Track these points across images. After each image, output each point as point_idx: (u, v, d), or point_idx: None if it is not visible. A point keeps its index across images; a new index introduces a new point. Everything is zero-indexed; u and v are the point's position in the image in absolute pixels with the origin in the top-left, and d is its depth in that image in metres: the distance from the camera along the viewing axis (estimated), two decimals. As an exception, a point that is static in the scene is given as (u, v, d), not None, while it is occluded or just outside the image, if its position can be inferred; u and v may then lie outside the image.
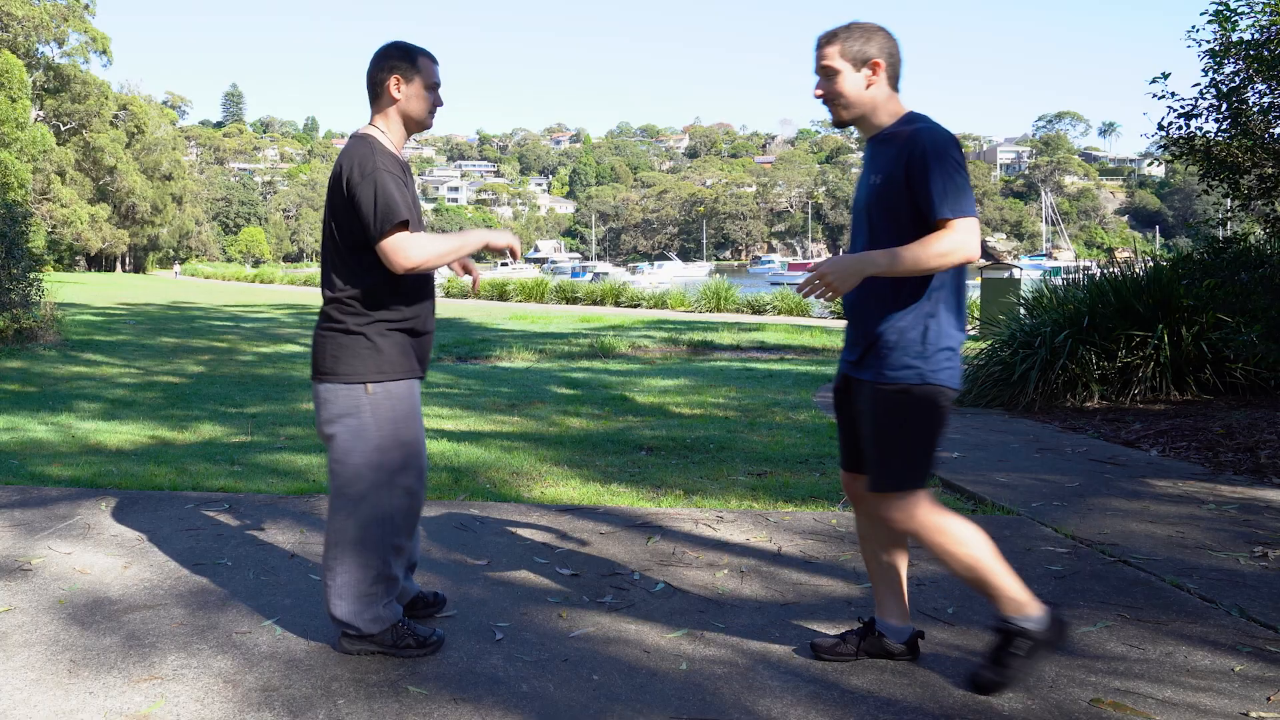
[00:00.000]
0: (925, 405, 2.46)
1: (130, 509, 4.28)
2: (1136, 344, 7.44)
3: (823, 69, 2.52)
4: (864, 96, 2.50)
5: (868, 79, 2.48)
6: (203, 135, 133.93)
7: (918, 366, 2.45)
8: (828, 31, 2.53)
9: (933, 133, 2.42)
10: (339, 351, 2.67)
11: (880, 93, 2.51)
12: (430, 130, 3.02)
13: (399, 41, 2.72)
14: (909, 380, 2.45)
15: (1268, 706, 2.47)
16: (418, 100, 2.71)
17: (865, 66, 2.48)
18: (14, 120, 40.32)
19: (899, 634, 2.72)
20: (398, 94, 2.68)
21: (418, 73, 2.68)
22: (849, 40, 2.48)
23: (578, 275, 47.15)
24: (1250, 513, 4.36)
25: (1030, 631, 2.45)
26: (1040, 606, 2.48)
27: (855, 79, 2.48)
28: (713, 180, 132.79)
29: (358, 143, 2.65)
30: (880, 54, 2.48)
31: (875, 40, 2.49)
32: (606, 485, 4.89)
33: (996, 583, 2.47)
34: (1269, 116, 7.05)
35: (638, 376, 9.99)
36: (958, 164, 2.39)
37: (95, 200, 59.87)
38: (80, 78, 55.15)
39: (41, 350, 12.02)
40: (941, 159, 2.37)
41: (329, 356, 2.68)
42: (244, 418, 7.20)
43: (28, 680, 2.60)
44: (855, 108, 2.51)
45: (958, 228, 2.36)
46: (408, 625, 2.78)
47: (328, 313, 2.71)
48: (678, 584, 3.41)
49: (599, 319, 20.24)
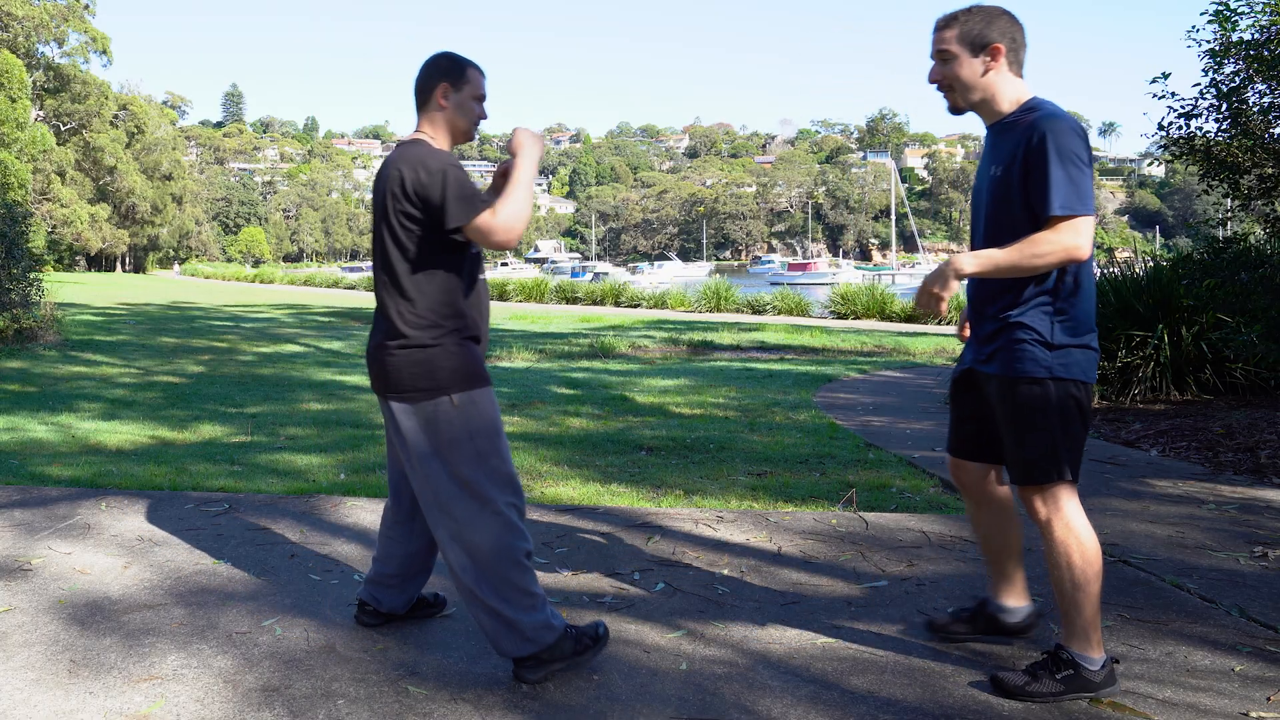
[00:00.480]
0: (1056, 399, 2.41)
1: (130, 509, 4.28)
2: (1136, 344, 7.44)
3: (939, 54, 2.42)
4: (982, 82, 2.40)
5: (986, 64, 2.39)
6: (203, 135, 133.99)
7: (1046, 361, 2.40)
8: (946, 15, 2.43)
9: (1054, 120, 2.30)
10: (417, 367, 2.57)
11: (1001, 79, 2.41)
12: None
13: (449, 52, 2.72)
14: (1036, 374, 2.41)
15: (1268, 706, 2.47)
16: (464, 110, 2.69)
17: (984, 51, 2.38)
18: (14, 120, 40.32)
19: (1013, 613, 2.77)
20: (445, 103, 2.66)
21: (466, 83, 2.68)
22: (968, 23, 2.39)
23: (577, 275, 47.17)
24: (1250, 513, 4.36)
25: (1084, 671, 2.44)
26: (1103, 652, 2.47)
27: (973, 64, 2.39)
28: (713, 180, 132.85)
29: (412, 146, 2.59)
30: (1001, 38, 2.38)
31: (997, 24, 2.38)
32: (606, 485, 4.89)
33: (1085, 612, 2.44)
34: (1269, 116, 7.05)
35: (638, 376, 9.99)
36: (1077, 157, 2.28)
37: (95, 200, 59.88)
38: (80, 78, 55.15)
39: (41, 350, 12.02)
40: (1060, 151, 2.28)
41: (407, 374, 2.58)
42: (244, 418, 7.20)
43: (28, 680, 2.60)
44: (973, 93, 2.42)
45: (1064, 229, 2.28)
46: (577, 629, 2.68)
47: (397, 329, 2.59)
48: (678, 584, 3.41)
49: (599, 319, 20.24)
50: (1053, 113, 2.35)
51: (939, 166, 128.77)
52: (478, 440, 2.59)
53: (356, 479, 4.98)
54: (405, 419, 2.61)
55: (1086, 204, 2.28)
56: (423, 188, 2.51)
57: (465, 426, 2.58)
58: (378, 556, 2.96)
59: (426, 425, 2.58)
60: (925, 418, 7.25)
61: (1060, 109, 2.37)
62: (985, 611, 2.82)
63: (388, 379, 2.63)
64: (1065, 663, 2.43)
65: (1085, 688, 2.43)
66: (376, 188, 2.65)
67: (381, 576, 2.94)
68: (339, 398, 8.36)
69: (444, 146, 2.69)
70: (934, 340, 14.64)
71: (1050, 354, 2.40)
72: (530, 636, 2.56)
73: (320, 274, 52.93)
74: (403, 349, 2.59)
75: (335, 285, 44.18)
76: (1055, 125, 2.30)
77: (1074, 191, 2.27)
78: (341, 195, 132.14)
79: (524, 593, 2.57)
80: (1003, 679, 2.49)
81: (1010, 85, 2.43)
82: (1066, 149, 2.28)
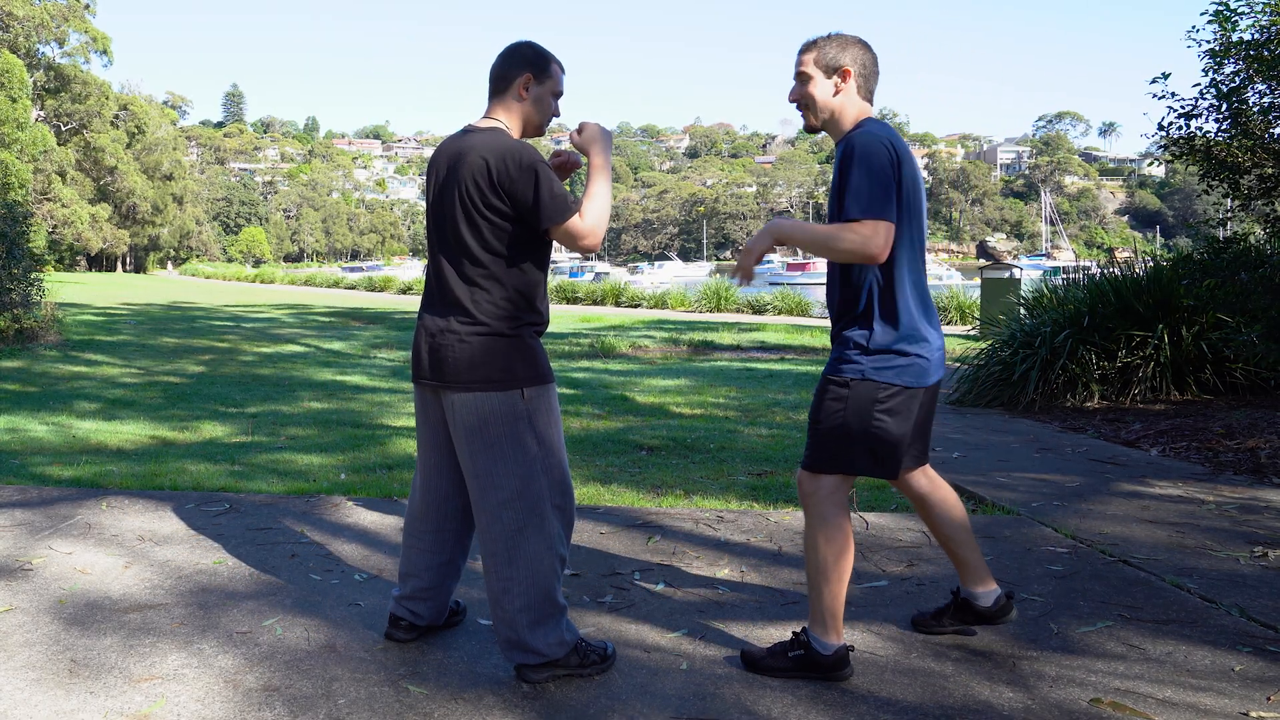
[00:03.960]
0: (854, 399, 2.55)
1: (131, 509, 4.28)
2: (1136, 344, 7.44)
3: (799, 75, 2.62)
4: (831, 103, 2.59)
5: (836, 86, 2.58)
6: (203, 135, 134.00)
7: (860, 365, 2.55)
8: (808, 40, 2.63)
9: (866, 135, 2.48)
10: (490, 357, 2.48)
11: (847, 100, 2.59)
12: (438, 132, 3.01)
13: (534, 43, 2.63)
14: (847, 376, 2.56)
15: (1268, 706, 2.47)
16: (542, 106, 2.62)
17: (835, 74, 2.57)
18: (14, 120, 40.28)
19: (985, 598, 2.85)
20: (526, 94, 2.59)
21: (549, 78, 2.62)
22: (825, 48, 2.59)
23: (575, 275, 47.10)
24: (1250, 513, 4.36)
25: (815, 654, 2.60)
26: (840, 639, 2.62)
27: (825, 85, 2.58)
28: (713, 180, 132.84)
29: (493, 134, 2.51)
30: (852, 63, 2.57)
31: (850, 50, 2.58)
32: (606, 485, 4.89)
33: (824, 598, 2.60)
34: (1269, 116, 7.04)
35: (638, 376, 9.99)
36: (881, 168, 2.43)
37: (96, 200, 59.87)
38: (81, 78, 55.14)
39: (42, 350, 12.02)
40: (865, 161, 2.44)
41: (480, 364, 2.48)
42: (244, 418, 7.21)
43: (28, 680, 2.60)
44: (823, 112, 2.60)
45: (859, 228, 2.42)
46: (588, 643, 2.67)
47: (474, 315, 2.50)
48: (678, 584, 3.41)
49: (599, 319, 20.23)
50: (869, 130, 2.51)
51: (939, 166, 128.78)
52: (542, 438, 2.55)
53: (357, 479, 4.98)
54: (468, 410, 2.51)
55: (882, 210, 2.42)
56: (511, 182, 2.44)
57: (531, 422, 2.53)
58: (407, 571, 2.82)
59: (494, 417, 2.50)
60: (925, 418, 7.24)
61: (882, 129, 2.52)
62: (960, 601, 2.92)
63: (455, 366, 2.51)
64: (800, 643, 2.62)
65: (813, 669, 2.60)
66: (447, 168, 2.53)
67: (417, 591, 2.81)
68: (340, 398, 8.37)
69: (517, 137, 2.61)
70: (934, 340, 14.62)
71: (866, 358, 2.55)
72: (542, 650, 2.57)
73: (321, 274, 52.89)
74: (478, 336, 2.49)
75: (336, 285, 44.14)
76: (865, 139, 2.47)
77: (871, 197, 2.42)
78: (342, 195, 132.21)
79: (551, 603, 2.58)
80: (747, 652, 2.71)
81: (855, 107, 2.61)
82: (871, 159, 2.44)
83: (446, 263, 2.56)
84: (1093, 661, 2.76)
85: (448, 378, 2.54)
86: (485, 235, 2.49)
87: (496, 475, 2.53)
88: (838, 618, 2.60)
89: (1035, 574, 3.53)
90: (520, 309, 2.54)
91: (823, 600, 2.59)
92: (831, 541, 2.58)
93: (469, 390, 2.50)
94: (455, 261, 2.54)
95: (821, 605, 2.60)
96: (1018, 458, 5.65)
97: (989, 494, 4.70)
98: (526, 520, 2.54)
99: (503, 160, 2.44)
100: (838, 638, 2.61)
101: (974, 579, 2.86)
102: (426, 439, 2.74)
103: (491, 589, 2.58)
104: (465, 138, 2.55)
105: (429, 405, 2.69)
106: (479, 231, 2.49)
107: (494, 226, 2.48)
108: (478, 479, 2.56)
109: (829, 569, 2.57)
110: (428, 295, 2.65)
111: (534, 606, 2.55)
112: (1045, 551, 3.80)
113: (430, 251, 2.64)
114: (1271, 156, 7.05)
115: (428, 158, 2.79)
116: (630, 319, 20.23)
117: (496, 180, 2.44)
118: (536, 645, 2.56)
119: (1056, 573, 3.54)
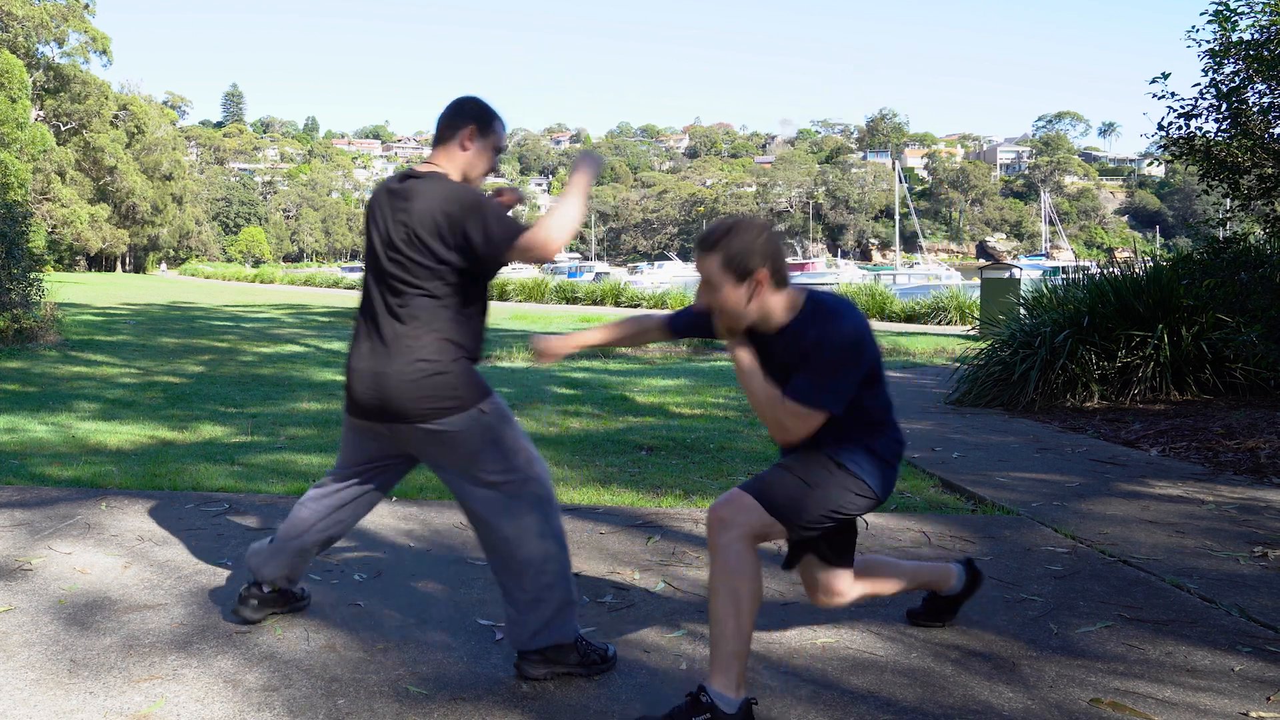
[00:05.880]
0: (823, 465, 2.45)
1: (130, 509, 4.28)
2: (1136, 344, 7.45)
3: (704, 281, 2.35)
4: (751, 309, 2.34)
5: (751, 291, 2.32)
6: (203, 135, 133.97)
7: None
8: (707, 238, 2.35)
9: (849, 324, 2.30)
10: (448, 389, 2.54)
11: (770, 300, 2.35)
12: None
13: (481, 100, 2.73)
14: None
15: (1268, 706, 2.47)
16: (483, 158, 2.70)
17: (749, 279, 2.30)
18: (14, 120, 40.31)
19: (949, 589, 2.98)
20: (469, 145, 2.67)
21: (492, 133, 2.70)
22: (729, 249, 2.30)
23: (574, 275, 47.04)
24: (1250, 513, 4.36)
25: (722, 714, 2.25)
26: (743, 693, 2.30)
27: (739, 294, 2.32)
28: (713, 180, 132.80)
29: (435, 181, 2.57)
30: (763, 263, 2.30)
31: (756, 251, 2.30)
32: (606, 485, 4.89)
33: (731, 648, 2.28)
34: (1269, 116, 7.05)
35: (638, 376, 9.99)
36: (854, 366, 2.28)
37: (95, 200, 59.91)
38: (80, 78, 55.18)
39: (42, 350, 12.02)
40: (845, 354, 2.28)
41: (441, 397, 2.54)
42: (244, 418, 7.21)
43: (28, 680, 2.60)
44: (744, 320, 2.36)
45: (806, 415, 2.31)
46: (589, 643, 2.69)
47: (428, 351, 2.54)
48: (678, 584, 3.41)
49: (599, 319, 20.22)
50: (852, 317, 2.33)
51: (939, 166, 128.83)
52: (511, 439, 2.63)
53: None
54: (433, 439, 2.57)
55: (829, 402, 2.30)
56: (460, 223, 2.47)
57: (502, 430, 2.61)
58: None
59: (460, 438, 2.57)
60: (925, 418, 7.25)
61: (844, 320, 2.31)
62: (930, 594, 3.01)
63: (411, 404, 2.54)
64: (706, 706, 2.26)
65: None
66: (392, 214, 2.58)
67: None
68: (339, 398, 8.36)
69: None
70: (933, 340, 14.64)
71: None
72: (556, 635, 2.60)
73: (320, 274, 52.87)
74: (438, 374, 2.53)
75: (335, 285, 44.13)
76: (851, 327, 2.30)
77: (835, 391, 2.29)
78: (342, 195, 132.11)
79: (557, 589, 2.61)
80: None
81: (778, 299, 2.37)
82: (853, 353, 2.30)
83: (386, 304, 2.59)
84: (1093, 661, 2.76)
85: (419, 414, 2.56)
86: (428, 280, 2.53)
87: (484, 484, 2.59)
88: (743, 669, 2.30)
89: (1035, 574, 3.53)
90: (461, 346, 2.59)
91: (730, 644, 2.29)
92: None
93: (435, 420, 2.55)
94: (397, 304, 2.57)
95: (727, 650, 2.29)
96: (1017, 458, 5.65)
97: (989, 494, 4.70)
98: (518, 515, 2.60)
99: (448, 202, 2.50)
100: (743, 690, 2.30)
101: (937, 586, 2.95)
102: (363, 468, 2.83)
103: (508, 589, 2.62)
104: (407, 184, 2.60)
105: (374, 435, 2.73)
106: (423, 276, 2.53)
107: (436, 271, 2.53)
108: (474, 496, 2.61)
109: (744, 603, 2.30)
110: (364, 336, 2.65)
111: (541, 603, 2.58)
112: (1045, 551, 3.80)
113: (366, 293, 2.66)
114: (1271, 156, 7.06)
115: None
116: (630, 319, 20.21)
117: (446, 223, 2.49)
118: (542, 641, 2.59)
119: (1056, 573, 3.54)
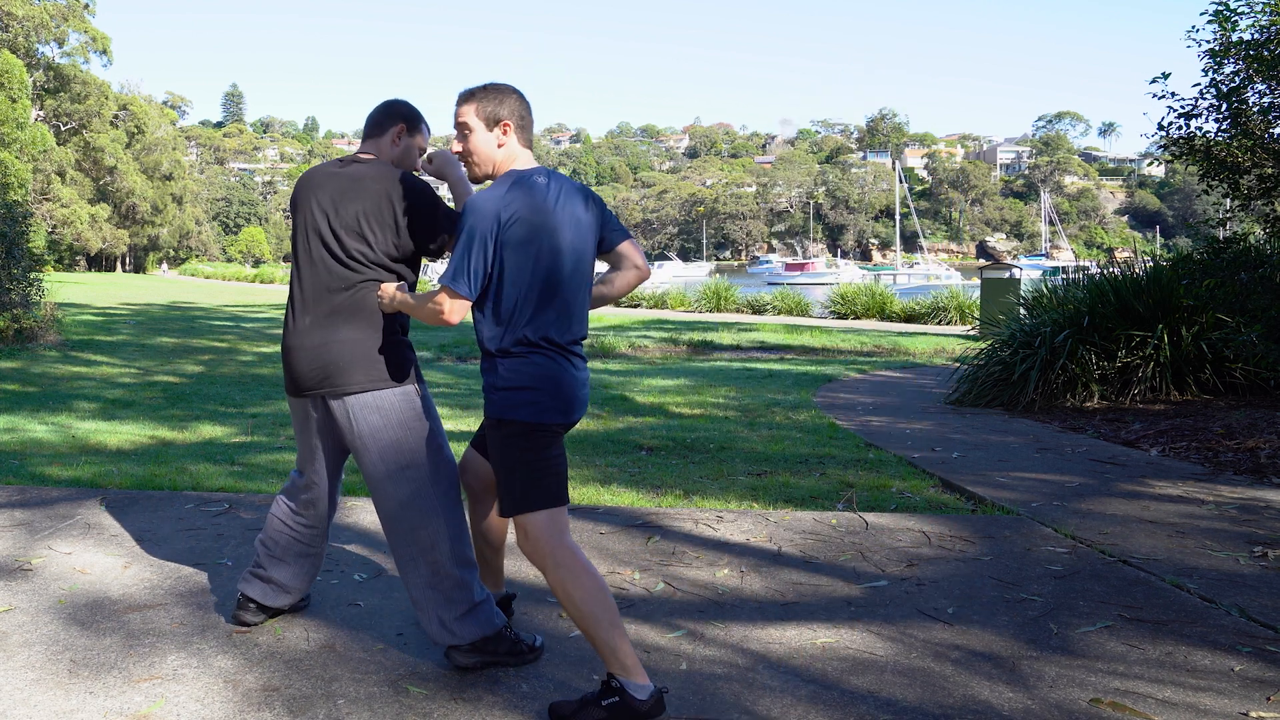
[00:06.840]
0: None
1: (130, 509, 4.28)
2: (1136, 344, 7.45)
3: (459, 126, 2.62)
4: (495, 155, 2.60)
5: (499, 139, 2.59)
6: (203, 135, 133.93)
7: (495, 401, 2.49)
8: (466, 91, 2.63)
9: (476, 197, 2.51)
10: (395, 357, 2.70)
11: (510, 151, 2.60)
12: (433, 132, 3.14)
13: (409, 103, 2.93)
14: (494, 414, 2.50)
15: (1268, 706, 2.47)
16: (410, 155, 2.90)
17: (496, 126, 2.58)
18: (14, 120, 40.26)
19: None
20: (398, 142, 2.88)
21: (419, 134, 2.91)
22: (484, 101, 2.58)
23: None
24: (1250, 513, 4.36)
25: (634, 700, 2.34)
26: (646, 679, 2.38)
27: (487, 138, 2.58)
28: (713, 180, 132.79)
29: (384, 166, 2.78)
30: (510, 115, 2.58)
31: (507, 102, 2.59)
32: (606, 485, 4.89)
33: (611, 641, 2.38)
34: (1269, 116, 7.05)
35: (638, 376, 9.99)
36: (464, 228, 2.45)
37: (95, 200, 59.87)
38: (80, 78, 55.14)
39: (41, 350, 12.01)
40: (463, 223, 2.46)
41: (388, 364, 2.69)
42: (244, 418, 7.21)
43: (28, 680, 2.60)
44: (486, 165, 2.60)
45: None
46: (515, 634, 2.74)
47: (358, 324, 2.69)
48: (678, 584, 3.41)
49: (598, 319, 20.22)
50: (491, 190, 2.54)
51: (939, 166, 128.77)
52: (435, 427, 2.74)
53: (356, 479, 4.98)
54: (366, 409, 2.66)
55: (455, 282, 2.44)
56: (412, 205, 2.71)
57: (425, 411, 2.73)
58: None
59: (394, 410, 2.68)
60: (925, 418, 7.25)
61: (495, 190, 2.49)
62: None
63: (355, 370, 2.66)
64: (615, 689, 2.37)
65: (629, 716, 2.35)
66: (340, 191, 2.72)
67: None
68: (339, 398, 8.35)
69: None
70: (933, 340, 14.65)
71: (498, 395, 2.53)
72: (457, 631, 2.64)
73: (320, 274, 52.74)
74: (396, 340, 2.72)
75: (335, 285, 44.09)
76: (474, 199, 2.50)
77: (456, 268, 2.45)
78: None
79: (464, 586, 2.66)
80: (556, 706, 2.44)
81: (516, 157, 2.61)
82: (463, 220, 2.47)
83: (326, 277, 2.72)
84: (1093, 661, 2.76)
85: (337, 383, 2.67)
86: (373, 252, 2.69)
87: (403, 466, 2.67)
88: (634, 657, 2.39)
89: (1035, 574, 3.53)
90: (398, 319, 2.74)
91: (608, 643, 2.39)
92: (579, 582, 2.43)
93: (376, 390, 2.68)
94: (337, 276, 2.70)
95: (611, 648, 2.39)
96: (1017, 458, 5.65)
97: (989, 494, 4.70)
98: (430, 504, 2.66)
99: (401, 186, 2.71)
100: (644, 678, 2.38)
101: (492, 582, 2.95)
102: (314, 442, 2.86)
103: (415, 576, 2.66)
104: (354, 167, 2.79)
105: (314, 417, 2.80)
106: (367, 247, 2.69)
107: (382, 242, 2.69)
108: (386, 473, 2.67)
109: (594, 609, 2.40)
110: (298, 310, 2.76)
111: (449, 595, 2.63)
112: (1045, 551, 3.80)
113: (299, 268, 2.78)
114: (1271, 156, 7.05)
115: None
116: (629, 319, 20.24)
117: (400, 203, 2.69)
118: (465, 631, 2.63)
119: (1056, 573, 3.54)
